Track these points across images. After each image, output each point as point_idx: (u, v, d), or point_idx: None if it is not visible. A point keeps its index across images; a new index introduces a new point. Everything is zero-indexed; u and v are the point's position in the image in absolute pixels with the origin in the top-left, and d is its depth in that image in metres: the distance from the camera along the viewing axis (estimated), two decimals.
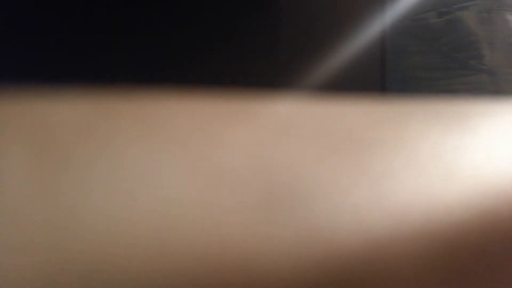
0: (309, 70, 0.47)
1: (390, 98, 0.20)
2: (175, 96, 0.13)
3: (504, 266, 0.13)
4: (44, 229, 0.09)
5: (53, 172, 0.10)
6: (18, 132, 0.10)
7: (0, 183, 0.09)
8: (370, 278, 0.11)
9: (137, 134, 0.11)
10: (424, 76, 0.95)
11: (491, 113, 0.20)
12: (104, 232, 0.09)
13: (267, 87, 0.36)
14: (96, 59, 0.28)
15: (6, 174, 0.09)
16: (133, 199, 0.10)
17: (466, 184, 0.14)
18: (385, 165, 0.14)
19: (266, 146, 0.13)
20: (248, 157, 0.12)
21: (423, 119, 0.18)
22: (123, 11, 0.28)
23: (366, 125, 0.16)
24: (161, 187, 0.10)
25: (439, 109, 0.19)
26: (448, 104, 0.20)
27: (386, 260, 0.11)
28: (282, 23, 0.47)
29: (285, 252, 0.11)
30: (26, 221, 0.09)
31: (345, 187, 0.12)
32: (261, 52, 0.38)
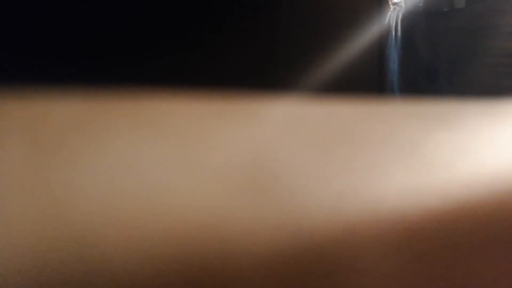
0: (308, 71, 0.48)
1: (383, 99, 0.22)
2: (171, 96, 0.14)
3: (469, 248, 0.14)
4: (41, 202, 0.10)
5: (50, 157, 0.11)
6: (18, 125, 0.11)
7: (5, 166, 0.10)
8: (344, 258, 0.12)
9: (129, 128, 0.12)
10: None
11: (474, 113, 0.21)
12: (94, 206, 0.10)
13: (266, 87, 0.37)
14: (94, 59, 0.29)
15: (9, 159, 0.11)
16: (121, 182, 0.11)
17: (441, 176, 0.16)
18: (367, 159, 0.15)
19: (256, 141, 0.14)
20: (237, 151, 0.13)
21: (409, 118, 0.19)
22: (120, 11, 0.29)
23: (354, 123, 0.18)
24: (148, 173, 0.11)
25: (423, 109, 0.20)
26: (433, 105, 0.21)
27: (361, 243, 0.13)
28: (281, 23, 0.48)
29: (266, 233, 0.12)
30: (26, 195, 0.10)
31: (327, 177, 0.13)
32: (260, 52, 0.39)
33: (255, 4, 0.42)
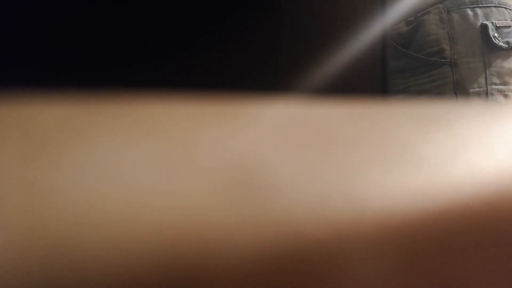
0: (308, 72, 0.47)
1: (375, 99, 0.21)
2: (161, 97, 0.14)
3: (460, 250, 0.14)
4: (25, 203, 0.10)
5: (35, 158, 0.11)
6: (3, 127, 0.11)
7: None
8: (331, 259, 0.12)
9: (116, 129, 0.12)
10: (398, 77, 1.15)
11: (466, 114, 0.21)
12: (79, 207, 0.10)
13: (264, 89, 0.36)
14: (85, 62, 0.29)
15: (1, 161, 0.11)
16: (105, 183, 0.11)
17: (433, 177, 0.15)
18: (358, 160, 0.15)
19: (245, 143, 0.14)
20: (225, 152, 0.13)
21: (401, 119, 0.19)
22: (114, 12, 0.29)
23: (346, 124, 0.17)
24: (134, 174, 0.11)
25: (415, 110, 0.20)
26: (425, 106, 0.21)
27: (350, 244, 0.12)
28: (282, 23, 0.48)
29: (253, 234, 0.12)
30: (9, 196, 0.10)
31: (316, 178, 0.13)
32: (259, 53, 0.39)
33: (255, 4, 0.42)
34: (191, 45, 0.34)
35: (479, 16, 1.15)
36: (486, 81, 1.12)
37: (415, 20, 1.15)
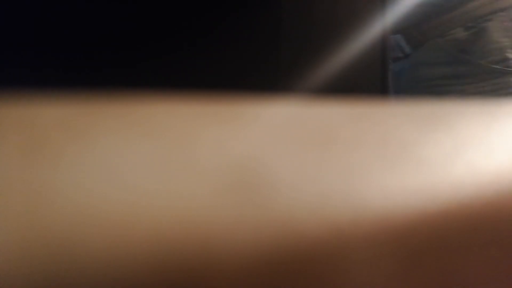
0: (311, 72, 0.47)
1: (376, 100, 0.21)
2: (161, 98, 0.14)
3: (460, 250, 0.14)
4: (25, 203, 0.10)
5: (35, 159, 0.11)
6: (3, 127, 0.11)
7: None
8: (331, 259, 0.12)
9: (116, 129, 0.12)
10: (453, 83, 1.13)
11: (467, 113, 0.21)
12: (80, 208, 0.10)
13: (264, 89, 0.36)
14: (86, 62, 0.29)
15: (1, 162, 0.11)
16: (106, 183, 0.11)
17: (433, 177, 0.15)
18: (359, 160, 0.15)
19: (244, 143, 0.14)
20: (226, 152, 0.13)
21: (401, 119, 0.19)
22: (114, 12, 0.29)
23: (346, 124, 0.17)
24: (134, 175, 0.11)
25: (415, 110, 0.20)
26: (425, 106, 0.21)
27: (346, 244, 0.12)
28: (282, 23, 0.48)
29: (253, 234, 0.12)
30: (9, 196, 0.10)
31: (316, 178, 0.13)
32: (259, 53, 0.39)
33: (255, 4, 0.42)
34: (191, 45, 0.34)
35: None
36: None
37: (475, 26, 1.13)
